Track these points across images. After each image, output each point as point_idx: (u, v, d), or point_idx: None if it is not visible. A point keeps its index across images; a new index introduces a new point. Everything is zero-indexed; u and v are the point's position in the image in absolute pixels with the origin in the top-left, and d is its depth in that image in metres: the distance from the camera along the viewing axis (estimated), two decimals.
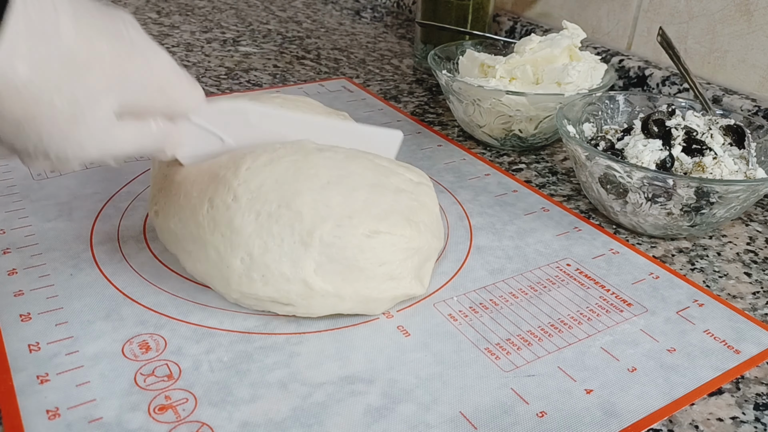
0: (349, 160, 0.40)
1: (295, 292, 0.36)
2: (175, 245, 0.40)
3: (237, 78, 0.77)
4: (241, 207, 0.36)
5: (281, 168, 0.37)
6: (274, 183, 0.37)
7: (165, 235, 0.40)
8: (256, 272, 0.36)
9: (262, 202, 0.36)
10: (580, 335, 0.38)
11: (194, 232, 0.37)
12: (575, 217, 0.51)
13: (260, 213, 0.36)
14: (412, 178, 0.42)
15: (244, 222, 0.36)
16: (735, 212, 0.46)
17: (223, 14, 1.04)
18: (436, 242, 0.41)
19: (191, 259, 0.38)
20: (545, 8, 0.84)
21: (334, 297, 0.36)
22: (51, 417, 0.31)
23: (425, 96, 0.75)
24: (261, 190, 0.37)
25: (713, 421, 0.33)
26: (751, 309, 0.42)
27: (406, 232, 0.38)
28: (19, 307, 0.38)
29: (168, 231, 0.40)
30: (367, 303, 0.38)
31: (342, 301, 0.37)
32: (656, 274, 0.44)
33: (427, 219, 0.40)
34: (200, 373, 0.34)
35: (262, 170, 0.37)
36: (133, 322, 0.37)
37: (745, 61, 0.63)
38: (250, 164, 0.37)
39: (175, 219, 0.39)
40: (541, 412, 0.33)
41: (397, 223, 0.38)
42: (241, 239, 0.36)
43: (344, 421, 0.32)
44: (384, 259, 0.37)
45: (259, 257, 0.36)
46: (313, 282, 0.36)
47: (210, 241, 0.37)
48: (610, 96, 0.56)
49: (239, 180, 0.37)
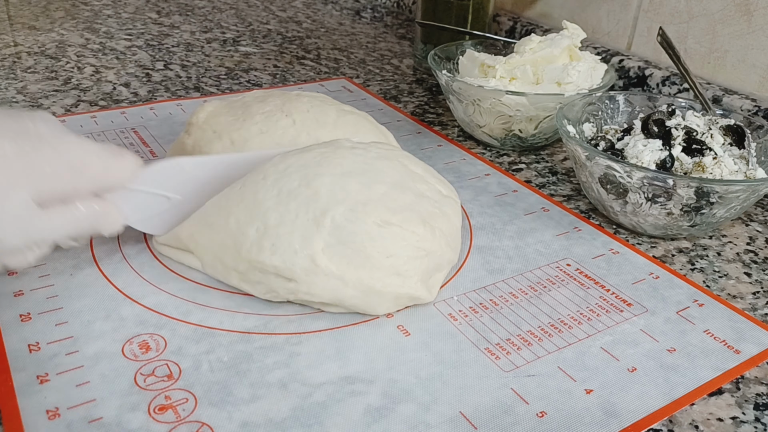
0: (379, 159, 0.41)
1: (300, 266, 0.37)
2: (197, 221, 0.41)
3: (237, 78, 0.77)
4: (267, 184, 0.39)
5: (310, 156, 0.41)
6: (299, 166, 0.40)
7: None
8: (267, 240, 0.37)
9: (284, 181, 0.39)
10: (580, 335, 0.38)
11: (223, 203, 0.40)
12: (575, 217, 0.51)
13: (282, 190, 0.39)
14: (441, 190, 0.42)
15: (267, 196, 0.39)
16: (735, 212, 0.46)
17: (223, 14, 1.04)
18: (450, 253, 0.41)
19: (210, 231, 0.40)
20: (545, 8, 0.84)
21: (337, 279, 0.37)
22: (51, 417, 0.31)
23: (425, 96, 0.75)
24: (287, 171, 0.40)
25: (713, 421, 0.33)
26: (751, 309, 0.42)
27: (418, 230, 0.38)
28: (19, 307, 0.38)
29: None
30: (369, 295, 0.37)
31: (344, 285, 0.37)
32: (656, 274, 0.44)
33: (445, 227, 0.40)
34: (200, 373, 0.34)
35: (292, 156, 0.41)
36: (133, 322, 0.37)
37: (745, 61, 0.63)
38: (283, 155, 0.41)
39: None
40: (541, 412, 0.33)
41: (410, 219, 0.38)
42: (260, 211, 0.38)
43: (344, 421, 0.32)
44: (392, 251, 0.37)
45: (273, 228, 0.38)
46: (320, 259, 0.37)
47: (234, 211, 0.39)
48: (610, 96, 0.56)
49: (273, 162, 0.41)
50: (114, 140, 0.59)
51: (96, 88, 0.71)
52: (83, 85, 0.72)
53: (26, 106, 0.65)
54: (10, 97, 0.68)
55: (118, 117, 0.64)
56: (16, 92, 0.69)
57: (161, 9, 1.04)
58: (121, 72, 0.77)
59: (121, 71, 0.77)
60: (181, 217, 0.42)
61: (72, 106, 0.66)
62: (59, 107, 0.66)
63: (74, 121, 0.62)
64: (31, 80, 0.73)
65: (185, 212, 0.42)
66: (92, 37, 0.89)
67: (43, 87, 0.71)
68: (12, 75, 0.74)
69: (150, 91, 0.72)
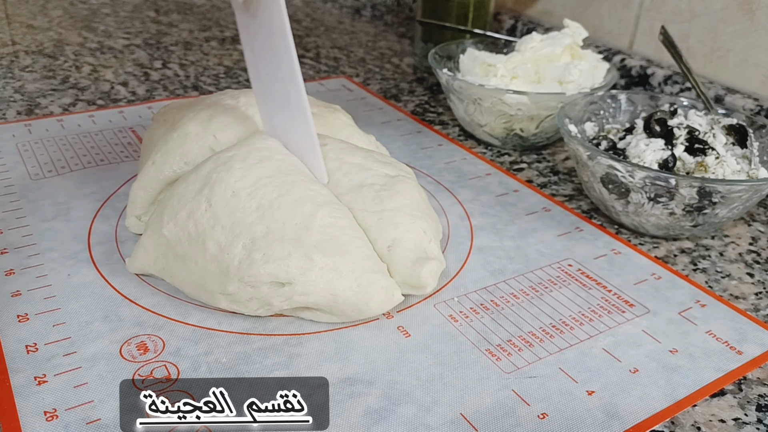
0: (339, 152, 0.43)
1: (295, 266, 0.36)
2: (164, 256, 0.39)
3: (236, 77, 0.76)
4: (242, 200, 0.38)
5: (272, 165, 0.40)
6: (269, 177, 0.39)
7: (154, 246, 0.39)
8: (258, 252, 0.37)
9: (262, 193, 0.38)
10: (582, 336, 0.38)
11: (192, 231, 0.38)
12: (577, 217, 0.51)
13: (261, 203, 0.38)
14: (388, 173, 0.43)
15: (246, 212, 0.38)
16: (737, 212, 0.46)
17: (222, 12, 1.03)
18: (432, 224, 0.42)
19: (185, 263, 0.38)
20: (546, 6, 0.84)
21: (332, 271, 0.37)
22: (49, 418, 0.31)
23: (426, 95, 0.74)
24: (258, 183, 0.39)
25: (715, 423, 0.33)
26: (754, 310, 0.42)
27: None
28: (17, 307, 0.38)
29: (158, 241, 0.39)
30: (363, 286, 0.37)
31: (339, 276, 0.37)
32: (658, 275, 0.44)
33: (409, 204, 0.41)
34: (198, 375, 0.34)
35: (256, 167, 0.40)
36: (131, 323, 0.37)
37: (747, 60, 0.63)
38: (240, 164, 0.40)
39: (170, 225, 0.39)
40: (542, 414, 0.33)
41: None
42: (243, 227, 0.37)
43: (344, 423, 0.32)
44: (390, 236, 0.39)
45: (261, 239, 0.37)
46: (314, 254, 0.37)
47: (210, 236, 0.37)
48: (612, 95, 0.56)
49: (235, 177, 0.39)
50: (112, 140, 0.59)
51: (94, 87, 0.71)
52: (81, 84, 0.72)
53: (24, 105, 0.65)
54: (7, 96, 0.67)
55: (116, 116, 0.64)
56: (13, 91, 0.69)
57: (159, 7, 1.04)
58: (119, 71, 0.76)
59: (119, 70, 0.77)
60: None
61: (70, 105, 0.66)
62: (57, 106, 0.66)
63: (72, 121, 0.62)
64: (28, 79, 0.72)
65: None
66: (90, 36, 0.89)
67: (41, 86, 0.71)
68: (10, 74, 0.73)
69: (148, 90, 0.71)
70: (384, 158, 0.45)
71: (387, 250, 0.39)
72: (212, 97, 0.49)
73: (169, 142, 0.44)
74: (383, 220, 0.40)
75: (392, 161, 0.46)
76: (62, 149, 0.56)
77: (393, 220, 0.40)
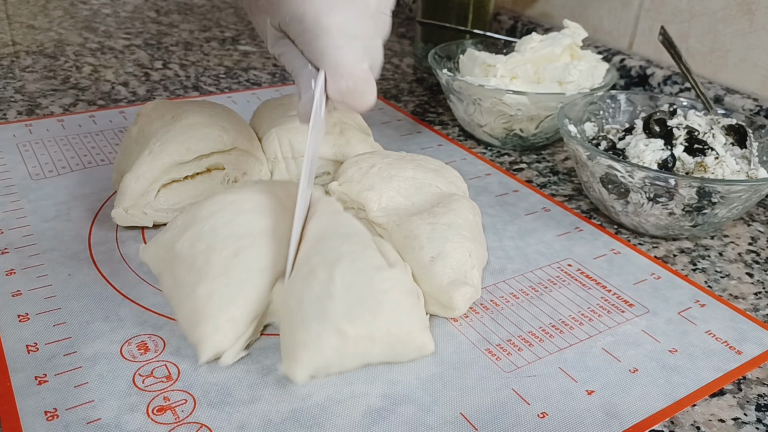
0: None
1: (328, 345, 0.32)
2: (164, 262, 0.37)
3: (236, 77, 0.76)
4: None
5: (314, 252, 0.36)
6: (307, 259, 0.35)
7: (165, 249, 0.37)
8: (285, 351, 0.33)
9: (305, 287, 0.34)
10: (582, 336, 0.38)
11: (198, 263, 0.35)
12: (576, 217, 0.51)
13: (303, 299, 0.34)
14: (440, 186, 0.44)
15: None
16: (737, 212, 0.46)
17: (222, 13, 1.03)
18: (479, 250, 0.41)
19: (176, 282, 0.36)
20: (546, 7, 0.84)
21: (366, 341, 0.33)
22: (49, 418, 0.31)
23: (425, 95, 0.75)
24: (303, 271, 0.35)
25: (715, 422, 0.33)
26: (753, 309, 0.42)
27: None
28: (17, 307, 0.38)
29: (168, 247, 0.37)
30: (395, 347, 0.34)
31: (373, 345, 0.33)
32: (658, 275, 0.44)
33: (462, 224, 0.40)
34: (199, 374, 0.34)
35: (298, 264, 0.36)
36: (132, 322, 0.37)
37: (746, 60, 0.63)
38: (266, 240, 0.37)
39: (185, 244, 0.36)
40: (542, 413, 0.33)
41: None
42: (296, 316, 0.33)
43: (344, 423, 0.32)
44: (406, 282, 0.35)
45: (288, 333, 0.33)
46: (345, 327, 0.32)
47: (207, 280, 0.35)
48: (612, 95, 0.56)
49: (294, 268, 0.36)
50: (112, 140, 0.59)
51: (94, 88, 0.71)
52: (82, 84, 0.72)
53: (24, 106, 0.65)
54: (8, 96, 0.67)
55: (116, 116, 0.64)
56: (14, 91, 0.69)
57: (160, 8, 1.04)
58: (120, 71, 0.77)
59: (119, 70, 0.77)
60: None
61: (70, 106, 0.66)
62: (57, 106, 0.66)
63: (72, 121, 0.62)
64: (29, 79, 0.72)
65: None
66: (91, 36, 0.89)
67: (42, 86, 0.71)
68: (10, 74, 0.73)
69: (149, 90, 0.71)
70: (429, 163, 0.46)
71: (429, 260, 0.38)
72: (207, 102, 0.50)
73: (171, 131, 0.45)
74: (435, 231, 0.39)
75: (438, 166, 0.46)
76: (63, 149, 0.57)
77: (444, 233, 0.39)
